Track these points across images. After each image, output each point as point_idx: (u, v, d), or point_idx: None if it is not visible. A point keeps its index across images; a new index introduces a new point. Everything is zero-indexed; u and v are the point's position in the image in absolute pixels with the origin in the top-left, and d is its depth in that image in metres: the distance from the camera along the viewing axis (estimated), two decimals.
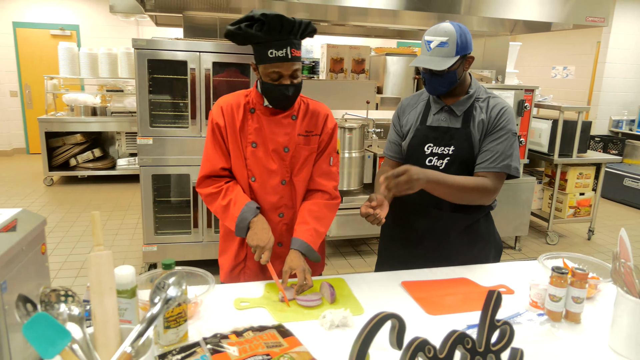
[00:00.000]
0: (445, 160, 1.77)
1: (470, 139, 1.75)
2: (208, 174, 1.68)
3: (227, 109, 1.67)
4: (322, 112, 1.76)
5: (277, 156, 1.69)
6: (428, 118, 1.84)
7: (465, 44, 1.69)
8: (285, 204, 1.73)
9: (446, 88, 1.75)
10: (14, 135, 8.06)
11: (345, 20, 5.68)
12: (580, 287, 1.39)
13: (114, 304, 0.99)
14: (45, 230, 1.19)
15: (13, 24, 7.70)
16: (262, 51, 1.54)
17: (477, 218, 1.84)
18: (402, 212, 1.90)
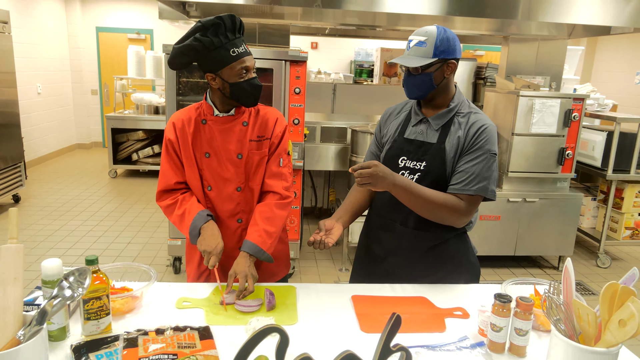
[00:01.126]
0: (416, 176, 1.70)
1: (444, 155, 1.66)
2: (164, 189, 1.75)
3: (179, 123, 1.73)
4: (272, 116, 1.78)
5: (231, 164, 1.72)
6: (407, 130, 1.77)
7: (446, 48, 1.60)
8: (243, 210, 1.76)
9: (422, 91, 1.67)
10: (93, 130, 8.83)
11: (395, 26, 5.58)
12: (525, 318, 1.28)
13: (17, 293, 1.08)
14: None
15: (96, 28, 8.44)
16: (223, 53, 1.59)
17: (445, 238, 1.74)
18: (371, 226, 1.86)
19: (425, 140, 1.71)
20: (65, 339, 1.27)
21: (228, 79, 1.63)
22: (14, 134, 5.16)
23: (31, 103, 7.11)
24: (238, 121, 1.73)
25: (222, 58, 1.60)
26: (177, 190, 1.77)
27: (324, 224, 1.69)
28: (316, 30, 6.68)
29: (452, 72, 1.67)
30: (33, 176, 6.51)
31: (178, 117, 1.75)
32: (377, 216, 1.84)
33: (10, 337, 1.04)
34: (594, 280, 4.02)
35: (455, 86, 1.74)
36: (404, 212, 1.69)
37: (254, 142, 1.74)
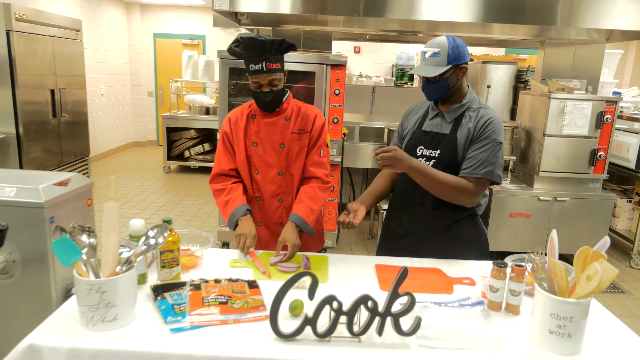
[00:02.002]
0: (432, 162, 1.96)
1: (455, 144, 1.92)
2: (218, 173, 2.08)
3: (233, 119, 2.08)
4: (312, 113, 2.09)
5: (275, 152, 2.04)
6: (424, 123, 2.04)
7: (457, 55, 1.86)
8: (284, 191, 2.08)
9: (440, 94, 1.94)
10: (148, 129, 9.48)
11: (434, 31, 5.77)
12: (518, 281, 1.52)
13: (115, 240, 1.43)
14: (92, 190, 1.69)
15: (153, 34, 9.08)
16: (247, 65, 1.93)
17: (457, 218, 1.98)
18: (393, 207, 2.13)
19: (439, 131, 1.97)
20: (145, 283, 1.62)
21: (250, 84, 1.98)
22: (82, 131, 5.75)
23: (96, 103, 7.78)
24: (281, 116, 2.04)
25: (246, 68, 1.94)
26: (229, 177, 2.09)
27: (351, 207, 1.98)
28: (358, 35, 6.97)
29: (464, 74, 1.93)
30: (96, 170, 7.14)
31: (233, 114, 2.10)
32: (397, 199, 2.12)
33: (111, 271, 1.39)
34: (626, 280, 4.09)
35: (467, 85, 2.00)
36: (421, 195, 1.95)
37: (295, 134, 2.05)
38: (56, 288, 1.55)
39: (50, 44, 4.96)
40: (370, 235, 4.82)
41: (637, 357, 1.32)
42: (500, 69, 7.11)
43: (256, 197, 2.10)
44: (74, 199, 1.56)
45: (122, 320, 1.34)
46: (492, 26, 5.18)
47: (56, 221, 1.48)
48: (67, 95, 5.32)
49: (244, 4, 3.69)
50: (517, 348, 1.34)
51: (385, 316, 1.33)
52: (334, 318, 1.32)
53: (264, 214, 2.12)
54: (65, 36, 5.24)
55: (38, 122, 4.82)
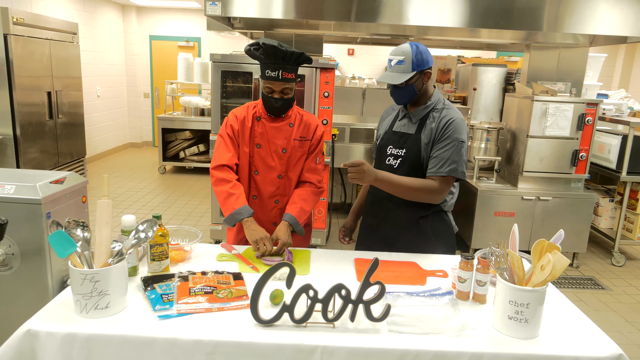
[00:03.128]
0: (398, 161, 2.09)
1: (419, 143, 2.04)
2: (225, 163, 2.13)
3: (240, 117, 2.17)
4: (314, 122, 2.21)
5: (277, 155, 2.15)
6: (395, 124, 2.17)
7: (421, 61, 1.98)
8: (281, 193, 2.20)
9: (407, 99, 2.06)
10: (144, 130, 9.58)
11: (424, 35, 5.89)
12: (484, 272, 1.63)
13: (108, 233, 1.54)
14: (87, 188, 1.80)
15: (149, 37, 9.18)
16: (263, 69, 2.03)
17: (423, 214, 2.10)
18: (367, 201, 2.28)
19: (406, 131, 2.10)
20: (135, 275, 1.72)
21: (262, 87, 2.08)
22: (79, 132, 5.84)
23: (92, 105, 7.87)
24: (286, 122, 2.15)
25: (261, 72, 2.05)
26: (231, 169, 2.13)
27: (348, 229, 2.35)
28: (350, 39, 7.09)
29: (429, 78, 2.04)
30: (92, 171, 7.24)
31: (239, 112, 2.18)
32: (371, 193, 2.27)
33: (104, 262, 1.50)
34: (606, 277, 4.21)
35: (434, 86, 2.12)
36: None
37: (297, 141, 2.17)
38: (52, 279, 1.65)
39: (47, 46, 5.06)
40: None
41: (589, 340, 1.44)
42: (490, 71, 7.24)
43: (253, 196, 2.21)
44: (69, 196, 1.66)
45: (114, 308, 1.44)
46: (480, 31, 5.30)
47: (52, 216, 1.59)
48: (63, 97, 5.41)
49: (236, 9, 3.80)
50: (479, 333, 1.45)
51: (357, 303, 1.45)
52: (310, 305, 1.43)
53: (259, 211, 2.22)
54: (62, 39, 5.34)
55: (35, 124, 4.92)
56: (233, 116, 2.18)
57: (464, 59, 7.78)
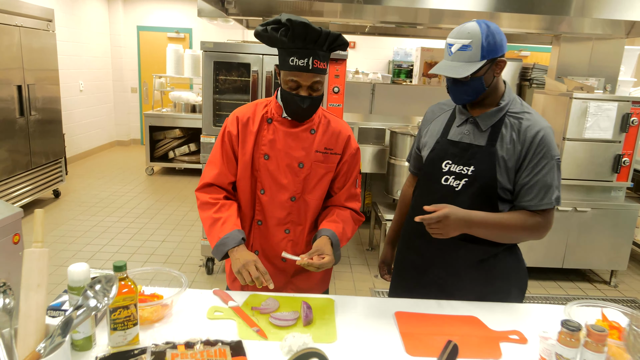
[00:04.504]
0: (463, 182, 1.57)
1: (494, 160, 1.52)
2: (212, 182, 1.65)
3: (243, 118, 1.63)
4: (344, 131, 1.68)
5: (290, 171, 1.62)
6: (450, 130, 1.65)
7: (494, 46, 1.46)
8: (293, 221, 1.67)
9: (472, 97, 1.54)
10: (132, 127, 8.99)
11: (437, 23, 5.39)
12: (597, 350, 1.12)
13: (40, 300, 1.01)
14: (21, 222, 1.26)
15: (137, 27, 8.58)
16: (285, 57, 1.49)
17: (494, 252, 1.60)
18: (410, 234, 1.74)
19: (472, 142, 1.58)
20: (90, 349, 1.19)
21: (282, 82, 1.55)
22: (55, 130, 5.27)
23: (74, 100, 7.28)
24: (306, 128, 1.62)
25: (282, 59, 1.51)
26: (222, 189, 1.66)
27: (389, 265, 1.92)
28: (354, 28, 6.56)
29: (502, 70, 1.53)
30: (74, 171, 6.66)
31: (243, 113, 1.65)
32: (416, 224, 1.71)
33: (32, 348, 0.97)
34: None
35: (504, 82, 1.61)
36: None
37: (320, 153, 1.64)
38: None
39: (17, 34, 4.48)
40: (369, 246, 4.42)
41: None
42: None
43: (258, 221, 1.68)
44: None
45: None
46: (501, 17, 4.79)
47: None
48: (37, 92, 4.84)
49: None
50: None
51: None
52: None
53: (265, 241, 1.70)
54: (35, 27, 4.76)
55: (3, 121, 4.35)
56: (233, 117, 1.65)
57: None
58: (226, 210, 1.61)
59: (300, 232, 1.69)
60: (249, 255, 1.51)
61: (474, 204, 1.55)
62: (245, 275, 1.45)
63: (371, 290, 3.58)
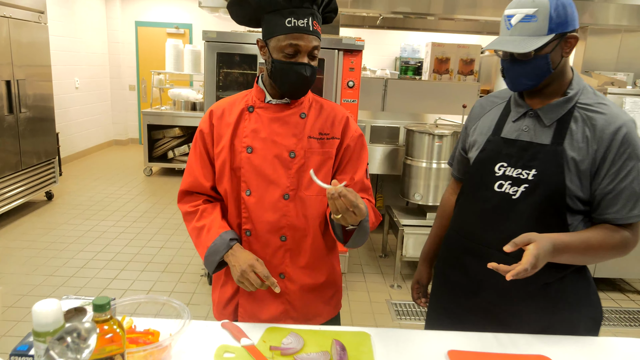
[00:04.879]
0: (522, 188, 1.29)
1: (561, 161, 1.25)
2: (188, 189, 1.43)
3: (217, 112, 1.41)
4: (340, 113, 1.44)
5: (280, 163, 1.36)
6: (505, 126, 1.38)
7: (564, 18, 1.20)
8: (289, 224, 1.38)
9: (534, 81, 1.26)
10: (130, 126, 8.70)
11: (452, 13, 5.12)
12: None
13: None
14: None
15: (135, 23, 8.29)
16: (278, 20, 1.26)
17: (560, 276, 1.32)
18: (454, 249, 1.47)
19: (532, 140, 1.31)
20: None
21: (273, 52, 1.30)
22: (48, 129, 4.98)
23: (69, 97, 6.99)
24: (294, 111, 1.38)
25: (273, 25, 1.28)
26: (202, 195, 1.44)
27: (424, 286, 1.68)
28: (362, 21, 6.29)
29: (572, 49, 1.26)
30: (69, 172, 6.37)
31: (219, 105, 1.43)
32: (462, 237, 1.45)
33: None
34: None
35: (571, 69, 1.33)
36: (504, 234, 1.27)
37: (314, 139, 1.38)
38: None
39: (5, 26, 4.19)
40: (383, 253, 4.14)
41: None
42: None
43: (245, 231, 1.40)
44: None
45: None
46: None
47: None
48: (27, 88, 4.55)
49: None
50: None
51: None
52: None
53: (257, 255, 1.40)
54: (25, 18, 4.47)
55: None
56: (206, 115, 1.43)
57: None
58: (208, 215, 1.38)
59: (301, 238, 1.40)
60: (245, 258, 1.28)
61: (535, 216, 1.29)
62: (248, 285, 1.25)
63: (388, 302, 3.30)
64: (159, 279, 3.44)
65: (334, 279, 1.51)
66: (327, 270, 1.47)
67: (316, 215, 1.41)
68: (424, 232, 3.49)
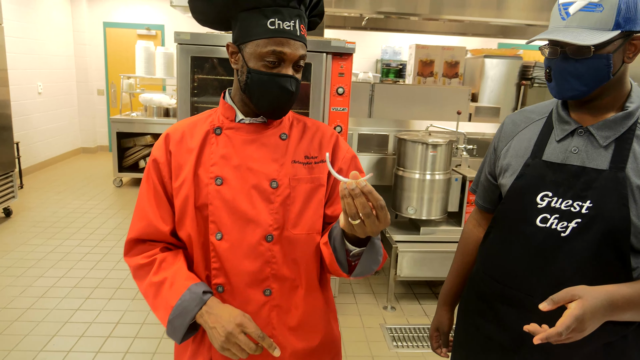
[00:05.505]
0: (573, 224, 1.05)
1: (624, 191, 1.01)
2: (139, 237, 1.12)
3: (176, 135, 1.11)
4: (328, 132, 1.19)
5: (260, 195, 1.08)
6: (547, 147, 1.13)
7: (635, 14, 0.98)
8: (275, 274, 1.10)
9: (588, 87, 1.03)
10: (99, 132, 8.24)
11: (438, 14, 4.92)
12: None
13: None
14: None
15: (103, 24, 7.85)
16: (258, 20, 1.00)
17: (623, 333, 1.07)
18: (484, 294, 1.22)
19: (584, 164, 1.06)
20: None
21: (249, 60, 1.03)
22: (4, 139, 4.55)
23: (31, 103, 6.51)
24: (273, 131, 1.12)
25: (251, 25, 1.01)
26: (158, 243, 1.13)
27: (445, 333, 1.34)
28: (344, 22, 6.03)
29: (636, 54, 1.03)
30: (30, 185, 5.91)
31: (176, 128, 1.14)
32: (496, 281, 1.20)
33: None
34: None
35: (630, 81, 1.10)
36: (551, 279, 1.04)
37: (299, 164, 1.12)
38: None
39: None
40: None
41: None
42: (503, 64, 6.34)
43: (217, 287, 1.10)
44: None
45: None
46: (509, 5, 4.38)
47: None
48: None
49: None
50: None
51: None
52: None
53: None
54: None
55: None
56: (160, 140, 1.13)
57: (470, 50, 6.84)
58: (169, 265, 1.08)
59: (291, 290, 1.13)
60: (229, 316, 0.99)
61: (591, 258, 1.04)
62: (237, 351, 0.95)
63: (382, 326, 3.03)
64: (129, 308, 3.09)
65: (332, 340, 1.24)
66: (323, 329, 1.20)
67: (309, 260, 1.13)
68: (419, 249, 3.24)
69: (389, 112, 4.57)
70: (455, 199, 3.42)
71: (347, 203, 0.86)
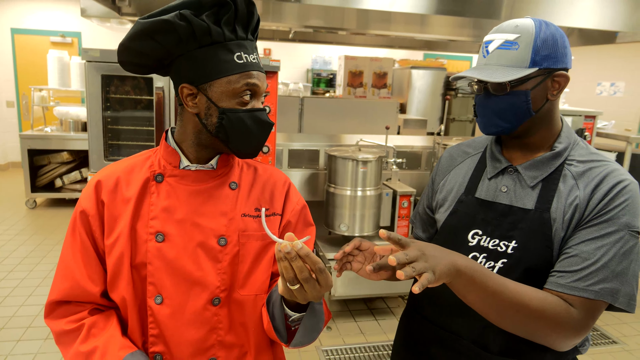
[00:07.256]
0: (499, 264, 1.05)
1: (549, 232, 1.01)
2: (62, 299, 0.98)
3: (109, 183, 0.98)
4: (281, 180, 1.11)
5: (206, 254, 0.98)
6: (480, 184, 1.13)
7: (553, 51, 0.98)
8: (221, 341, 1.01)
9: (510, 124, 1.03)
10: (10, 148, 7.59)
11: (365, 29, 5.00)
12: None
13: None
14: None
15: (11, 30, 7.23)
16: (223, 56, 0.92)
17: None
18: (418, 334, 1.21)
19: (514, 203, 1.06)
20: None
21: (219, 100, 0.93)
22: None
23: None
24: (222, 180, 1.02)
25: (215, 61, 0.91)
26: (86, 304, 0.99)
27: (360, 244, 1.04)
28: (272, 34, 5.96)
29: (561, 90, 1.03)
30: None
31: (109, 174, 1.01)
32: (429, 322, 1.18)
33: None
34: (613, 326, 3.53)
35: (561, 118, 1.11)
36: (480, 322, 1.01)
37: (249, 217, 1.03)
38: None
39: None
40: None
41: None
42: (429, 75, 6.55)
43: (155, 355, 0.99)
44: None
45: None
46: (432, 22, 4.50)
47: None
48: None
49: None
50: None
51: None
52: None
53: None
54: None
55: None
56: (90, 187, 1.00)
57: (399, 61, 7.01)
58: (100, 331, 0.95)
59: (238, 358, 1.03)
60: None
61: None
62: None
63: (318, 349, 2.97)
64: (41, 349, 2.80)
65: None
66: None
67: (257, 323, 1.04)
68: None
69: (319, 127, 4.55)
70: (387, 213, 3.44)
71: (284, 267, 0.80)
